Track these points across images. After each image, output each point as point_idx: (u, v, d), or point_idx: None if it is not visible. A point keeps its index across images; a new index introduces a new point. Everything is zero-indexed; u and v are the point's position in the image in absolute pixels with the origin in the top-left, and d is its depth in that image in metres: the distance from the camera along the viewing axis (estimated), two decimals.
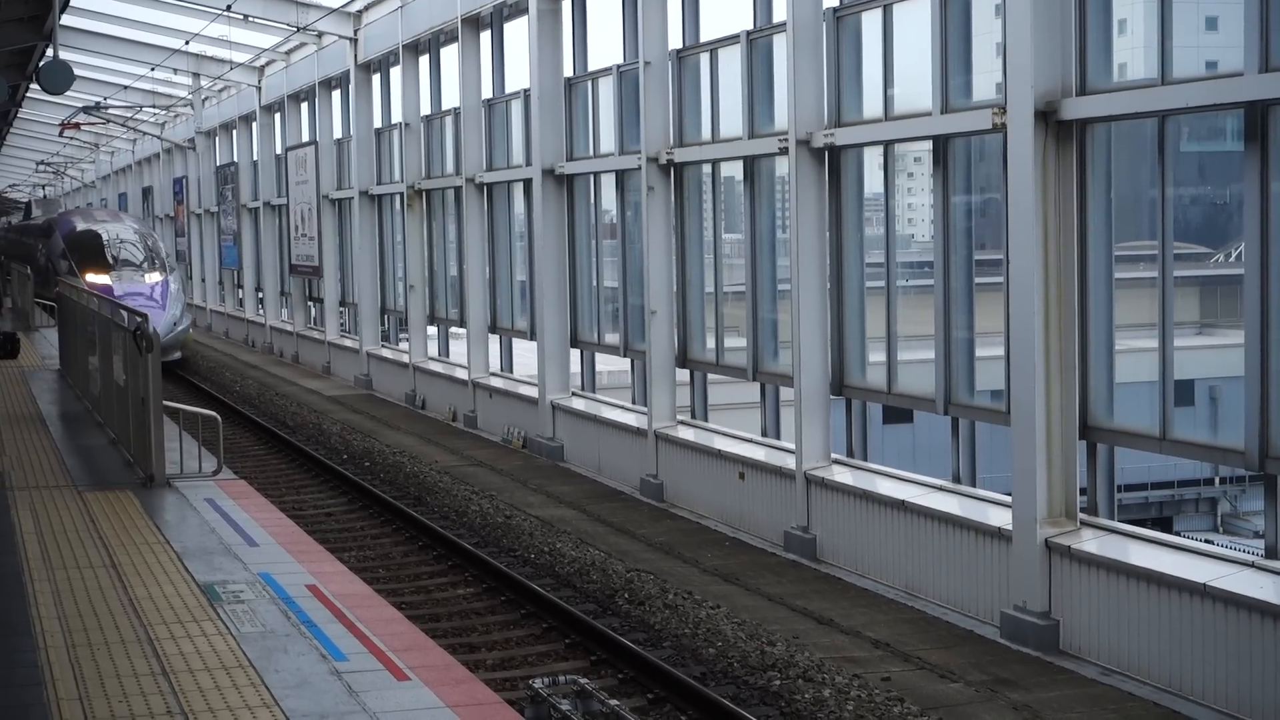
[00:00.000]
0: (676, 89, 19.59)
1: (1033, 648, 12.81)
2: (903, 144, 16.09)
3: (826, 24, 16.22)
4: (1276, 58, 10.99)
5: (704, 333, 19.69)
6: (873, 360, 16.26)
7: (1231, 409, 12.41)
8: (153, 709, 6.38)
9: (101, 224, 39.78)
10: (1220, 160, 16.10)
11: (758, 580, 15.29)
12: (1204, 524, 39.54)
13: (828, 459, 16.52)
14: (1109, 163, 12.92)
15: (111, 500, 11.13)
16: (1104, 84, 12.76)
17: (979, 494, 14.77)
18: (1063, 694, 11.73)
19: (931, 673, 12.31)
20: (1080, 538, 12.78)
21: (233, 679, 6.80)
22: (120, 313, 19.93)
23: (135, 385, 12.14)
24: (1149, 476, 36.76)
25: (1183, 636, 11.58)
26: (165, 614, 7.93)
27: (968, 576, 13.97)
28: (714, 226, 19.47)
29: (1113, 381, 13.01)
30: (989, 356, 14.53)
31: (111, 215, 44.53)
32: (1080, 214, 12.85)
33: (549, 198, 23.15)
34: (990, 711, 11.35)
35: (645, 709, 11.54)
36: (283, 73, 38.92)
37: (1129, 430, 12.82)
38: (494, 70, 26.53)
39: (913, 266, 17.77)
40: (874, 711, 11.24)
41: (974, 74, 14.50)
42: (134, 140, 59.11)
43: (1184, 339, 12.96)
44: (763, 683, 12.00)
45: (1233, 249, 21.71)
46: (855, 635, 13.39)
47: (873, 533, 15.33)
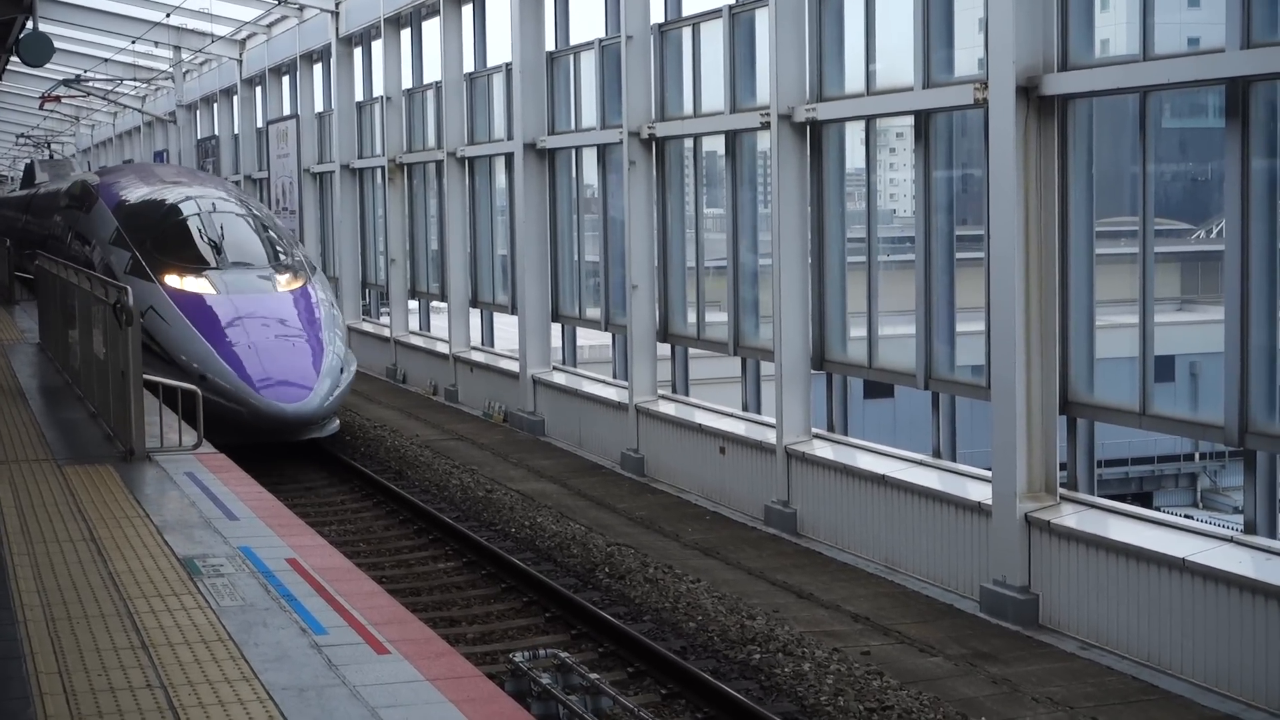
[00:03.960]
0: (658, 63, 19.54)
1: (1012, 622, 12.85)
2: (884, 119, 16.08)
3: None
4: (1258, 34, 10.99)
5: (685, 307, 19.68)
6: (853, 335, 16.26)
7: (1211, 384, 12.39)
8: (132, 682, 6.37)
9: (178, 188, 24.84)
10: (1201, 136, 16.11)
11: (738, 554, 15.31)
12: (1184, 499, 39.68)
13: (808, 433, 16.53)
14: (1090, 138, 12.93)
15: (91, 474, 11.10)
16: (1086, 59, 12.75)
17: (959, 469, 14.80)
18: (1042, 668, 11.77)
19: (911, 647, 12.34)
20: (1060, 512, 12.81)
21: (212, 652, 6.78)
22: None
23: (115, 358, 12.09)
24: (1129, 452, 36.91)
25: (1161, 611, 11.62)
26: (145, 588, 7.90)
27: (948, 551, 14.00)
28: (695, 201, 19.45)
29: (1093, 357, 13.03)
30: (969, 331, 14.54)
31: (188, 174, 29.46)
32: (1061, 190, 12.86)
33: (530, 172, 23.10)
34: (969, 685, 11.38)
35: (625, 683, 11.55)
36: (264, 46, 38.72)
37: (1109, 405, 12.85)
38: (475, 44, 26.46)
39: (894, 242, 17.77)
40: (853, 685, 11.26)
41: (956, 49, 14.49)
42: (114, 114, 58.81)
43: (1164, 315, 12.99)
44: (743, 656, 12.02)
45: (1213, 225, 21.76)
46: (835, 609, 13.41)
47: (853, 507, 15.35)
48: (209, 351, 19.56)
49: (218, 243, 22.37)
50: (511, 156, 23.82)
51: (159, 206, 23.83)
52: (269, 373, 19.38)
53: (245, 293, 21.25)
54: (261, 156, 40.32)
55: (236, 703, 6.13)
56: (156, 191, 24.74)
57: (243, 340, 19.86)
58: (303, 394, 19.29)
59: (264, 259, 22.45)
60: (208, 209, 23.20)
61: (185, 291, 20.99)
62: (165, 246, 22.26)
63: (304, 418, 19.32)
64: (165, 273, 21.38)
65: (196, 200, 23.57)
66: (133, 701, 6.16)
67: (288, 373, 19.55)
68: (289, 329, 20.72)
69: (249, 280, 21.69)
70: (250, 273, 21.91)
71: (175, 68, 45.41)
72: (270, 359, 19.64)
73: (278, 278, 22.02)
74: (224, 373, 19.20)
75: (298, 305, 21.59)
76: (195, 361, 19.43)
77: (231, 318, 20.51)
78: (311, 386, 19.53)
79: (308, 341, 20.56)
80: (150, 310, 20.02)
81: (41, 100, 49.03)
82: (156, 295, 20.74)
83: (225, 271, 21.68)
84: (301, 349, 20.29)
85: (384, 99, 30.06)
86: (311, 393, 19.41)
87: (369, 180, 32.89)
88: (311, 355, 20.26)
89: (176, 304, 20.59)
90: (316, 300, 21.99)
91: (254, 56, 39.96)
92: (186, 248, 22.32)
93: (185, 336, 19.96)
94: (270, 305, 21.17)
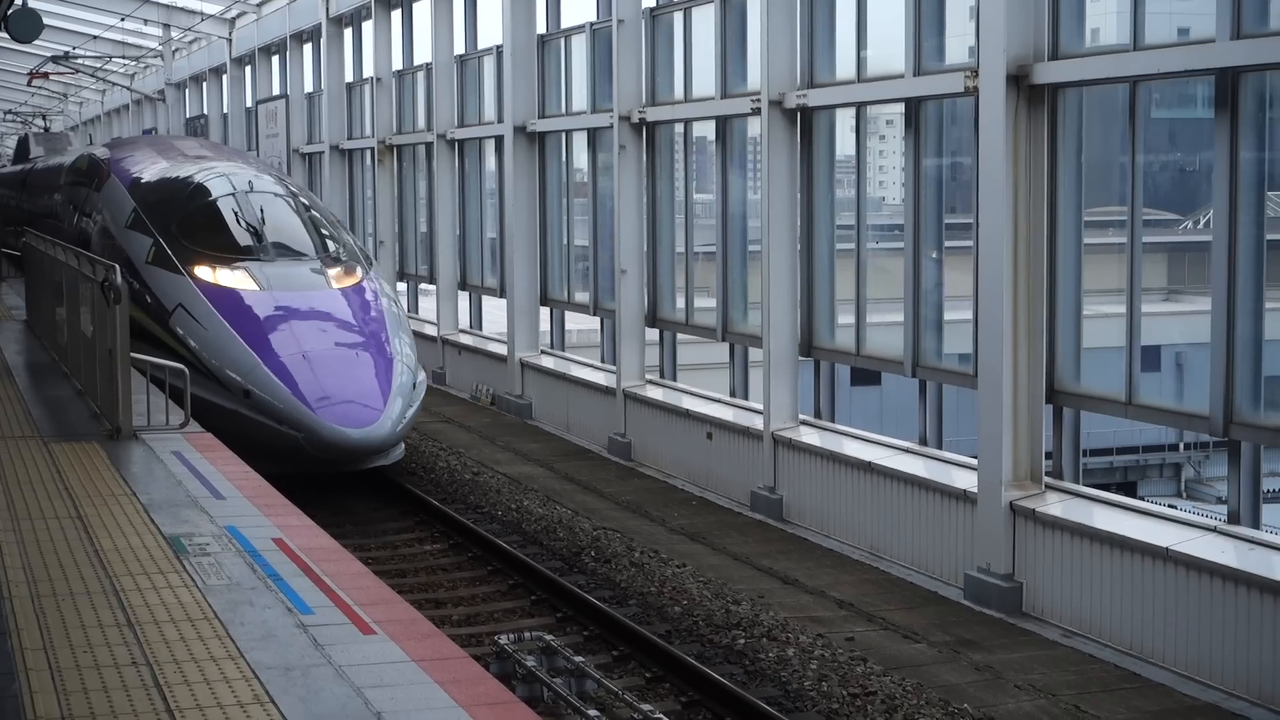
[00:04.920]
0: (650, 47, 19.53)
1: (996, 609, 12.89)
2: (875, 106, 16.10)
3: None
4: (1248, 24, 11.02)
5: (674, 292, 19.69)
6: (842, 322, 16.29)
7: (1197, 375, 12.47)
8: (118, 659, 6.38)
9: (204, 163, 21.39)
10: (1190, 127, 16.16)
11: (724, 539, 15.34)
12: (1168, 489, 39.76)
13: (795, 420, 16.56)
14: (1080, 128, 12.94)
15: (78, 452, 11.09)
16: (1076, 49, 12.77)
17: (945, 456, 14.83)
18: (1025, 655, 11.82)
19: (895, 633, 12.38)
20: (1045, 501, 12.85)
21: (198, 631, 6.79)
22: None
23: (103, 337, 12.08)
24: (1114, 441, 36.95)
25: (1145, 600, 11.67)
26: (131, 565, 7.91)
27: (933, 538, 14.04)
28: (685, 186, 19.45)
29: (1080, 346, 13.06)
30: (957, 320, 14.58)
31: (212, 148, 25.31)
32: (1050, 179, 12.88)
33: (520, 155, 23.09)
34: (953, 672, 11.42)
35: (610, 666, 11.58)
36: (254, 25, 38.64)
37: (1095, 395, 12.88)
38: (467, 26, 26.42)
39: (883, 229, 17.82)
40: (837, 671, 11.29)
41: (947, 37, 14.50)
42: (103, 91, 58.60)
43: (1151, 305, 13.03)
44: (727, 641, 12.05)
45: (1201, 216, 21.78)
46: (820, 595, 13.45)
47: (839, 493, 15.39)
48: (254, 362, 16.44)
49: (258, 228, 18.80)
50: (501, 139, 23.81)
51: (185, 185, 20.13)
52: (329, 390, 16.19)
53: (294, 289, 17.95)
54: (250, 136, 40.25)
55: (222, 681, 6.14)
56: (179, 167, 21.18)
57: (294, 348, 16.67)
58: (371, 416, 16.08)
59: (312, 248, 19.07)
60: (243, 188, 19.70)
61: (221, 287, 17.64)
62: (194, 232, 18.73)
63: (373, 445, 16.13)
64: (195, 264, 17.98)
65: (229, 178, 20.10)
66: (118, 678, 6.17)
67: (352, 390, 16.34)
68: (350, 334, 17.42)
69: (298, 274, 18.31)
70: (298, 265, 18.53)
71: (164, 46, 45.28)
72: (330, 372, 16.45)
73: (331, 271, 18.58)
74: (274, 389, 16.12)
75: (357, 304, 18.17)
76: (238, 374, 16.44)
77: (280, 320, 17.28)
78: (381, 407, 16.26)
79: (374, 350, 17.22)
80: (179, 309, 17.40)
81: (30, 77, 48.85)
82: (186, 291, 17.60)
83: (268, 263, 18.27)
84: (366, 360, 16.96)
85: (374, 80, 30.01)
86: (382, 415, 16.17)
87: (358, 161, 32.85)
88: (379, 367, 16.92)
89: (212, 302, 17.36)
90: (379, 298, 18.55)
91: (244, 35, 39.87)
92: (220, 234, 18.77)
93: (224, 343, 16.82)
94: (325, 305, 17.88)
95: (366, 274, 18.87)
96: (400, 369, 16.96)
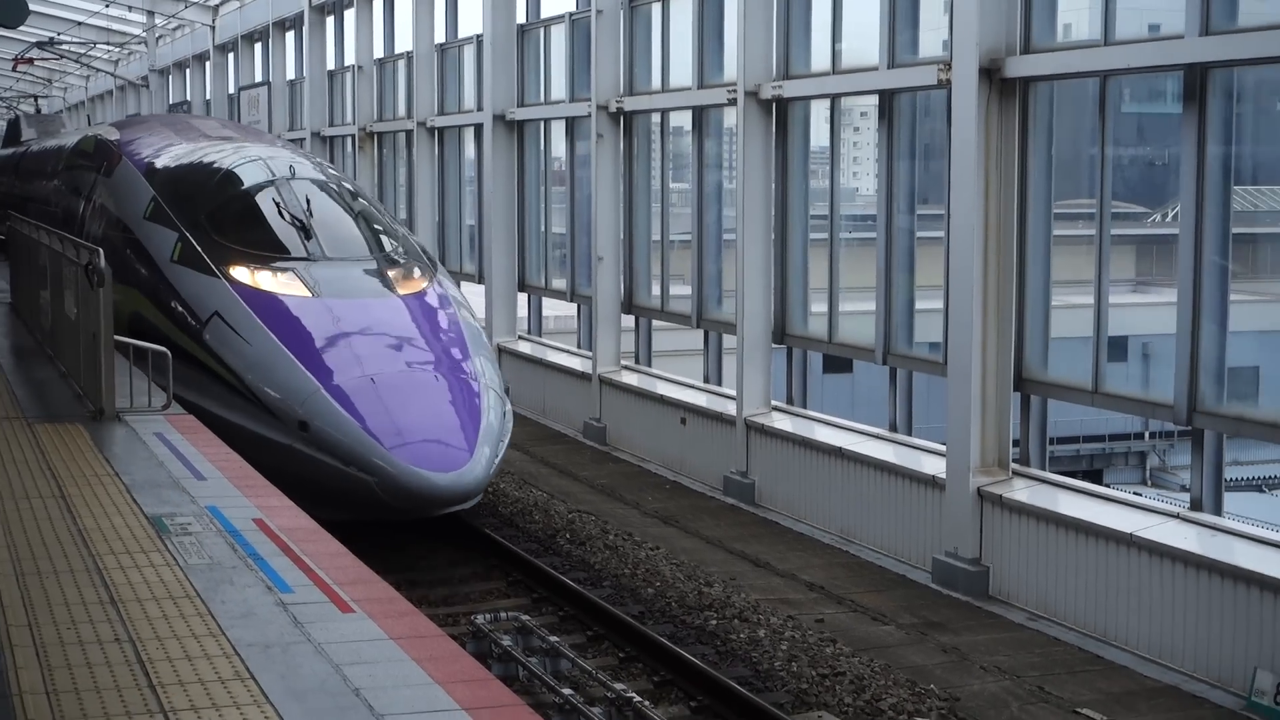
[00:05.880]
0: (628, 38, 19.54)
1: (963, 593, 12.96)
2: (849, 98, 16.13)
3: None
4: (1217, 21, 11.07)
5: (650, 280, 19.72)
6: (814, 310, 16.33)
7: (1162, 365, 12.51)
8: (101, 636, 6.39)
9: (232, 146, 18.12)
10: (1159, 121, 16.20)
11: (697, 523, 15.38)
12: (1133, 477, 39.91)
13: (768, 406, 16.60)
14: (1051, 121, 12.99)
15: (61, 433, 11.08)
16: (1048, 43, 12.81)
17: (915, 442, 14.89)
18: (990, 637, 11.89)
19: (864, 615, 12.44)
20: (1012, 487, 12.91)
21: (180, 609, 6.80)
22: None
23: (86, 319, 12.06)
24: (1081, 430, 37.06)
25: (1108, 584, 11.74)
26: (114, 545, 7.91)
27: (902, 523, 14.10)
28: (662, 175, 19.47)
29: (1048, 336, 13.11)
30: (928, 309, 14.62)
31: (237, 129, 22.23)
32: (1021, 171, 12.93)
33: (499, 143, 23.07)
34: (920, 653, 11.49)
35: (584, 646, 11.62)
36: (236, 13, 38.52)
37: (1062, 383, 12.94)
38: (447, 15, 26.40)
39: (856, 219, 17.83)
40: (807, 652, 11.35)
41: (920, 30, 14.53)
42: (87, 76, 58.32)
43: (1118, 296, 13.08)
44: (699, 622, 12.10)
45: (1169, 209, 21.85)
46: (790, 578, 13.50)
47: (810, 478, 15.44)
48: (312, 388, 13.36)
49: (305, 223, 15.50)
50: (481, 127, 23.79)
51: (213, 171, 16.95)
52: (406, 424, 13.09)
53: (352, 296, 14.73)
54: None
55: (204, 658, 6.16)
56: (204, 149, 17.82)
57: (358, 370, 13.56)
58: (459, 457, 12.98)
59: (366, 247, 15.87)
60: (283, 174, 16.30)
61: (266, 293, 14.54)
62: (226, 226, 15.64)
63: (461, 493, 13.08)
64: (232, 264, 14.93)
65: (266, 162, 16.82)
66: (101, 655, 6.19)
67: (434, 425, 13.25)
68: (424, 353, 14.22)
69: (354, 278, 15.13)
70: (354, 267, 15.32)
71: (148, 32, 45.11)
72: (405, 402, 13.36)
73: (391, 274, 15.40)
74: (338, 421, 13.07)
75: (428, 315, 14.94)
76: (292, 401, 13.40)
77: (339, 335, 14.09)
78: (470, 446, 13.13)
79: (454, 373, 14.06)
80: (215, 318, 14.48)
81: (15, 62, 48.63)
82: (223, 296, 14.61)
83: (320, 264, 15.08)
84: (447, 386, 13.82)
85: (356, 68, 29.97)
86: (472, 456, 13.06)
87: (339, 148, 32.77)
88: (463, 395, 13.76)
89: (256, 311, 14.27)
90: (451, 307, 15.32)
91: (227, 23, 39.73)
92: (258, 229, 15.61)
93: (274, 361, 13.77)
94: (390, 316, 14.65)
95: (432, 277, 15.76)
96: (488, 397, 13.89)
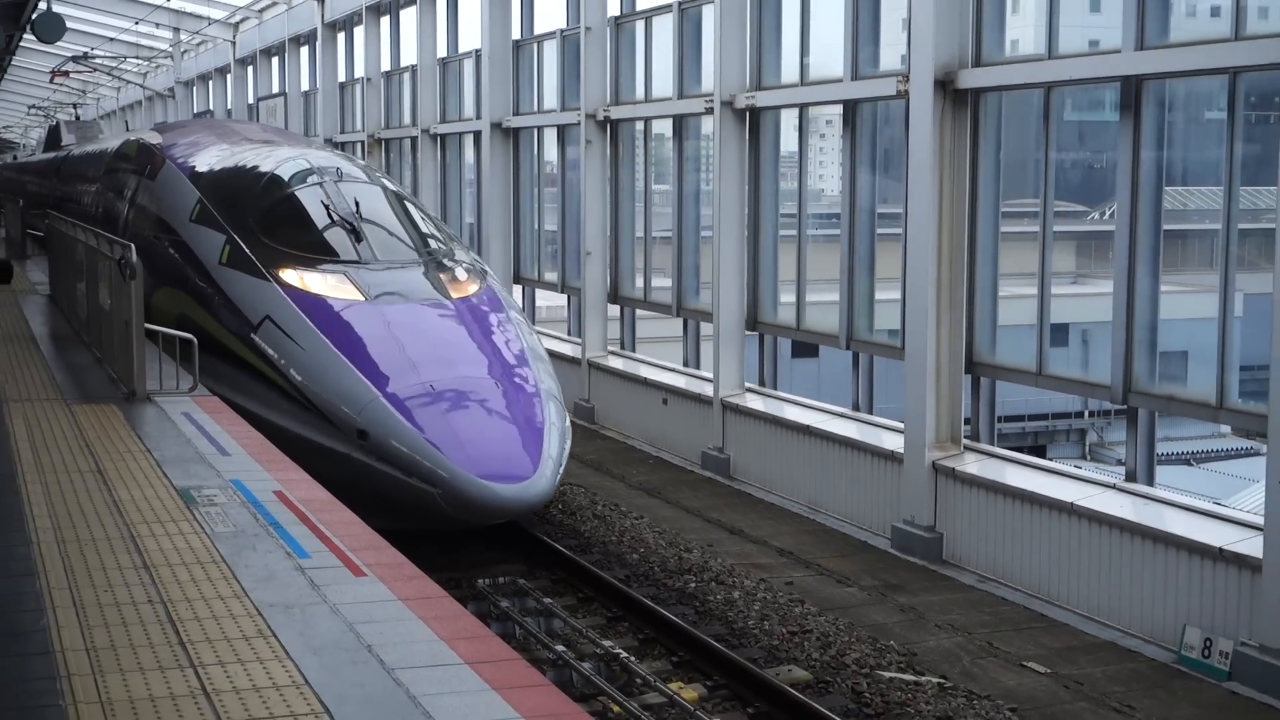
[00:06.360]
0: (614, 52, 19.49)
1: (919, 557, 12.97)
2: (816, 107, 16.10)
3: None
4: (1151, 37, 11.06)
5: (634, 273, 19.69)
6: (784, 300, 16.32)
7: (1100, 350, 12.51)
8: (135, 598, 6.35)
9: (277, 149, 16.72)
10: (1098, 128, 16.18)
11: (677, 494, 15.37)
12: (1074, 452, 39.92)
13: (741, 387, 16.59)
14: (999, 128, 12.98)
15: (97, 413, 11.02)
16: (997, 57, 12.80)
17: (875, 421, 14.90)
18: (944, 598, 11.89)
19: (829, 578, 12.44)
20: (964, 461, 12.92)
21: (207, 573, 6.77)
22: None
23: (119, 309, 11.99)
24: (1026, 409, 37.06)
25: (1051, 549, 11.75)
26: (146, 514, 7.87)
27: (863, 494, 14.10)
28: (645, 178, 19.43)
29: (996, 323, 13.12)
30: (887, 299, 14.61)
31: (278, 133, 20.68)
32: (972, 174, 12.92)
33: (496, 149, 23.02)
34: (880, 612, 11.49)
35: (575, 607, 11.60)
36: (255, 29, 38.34)
37: (1009, 366, 12.95)
38: (448, 31, 26.30)
39: (822, 218, 17.81)
40: (777, 611, 11.34)
41: (881, 46, 14.51)
42: (118, 88, 58.07)
43: (1060, 287, 13.07)
44: (680, 585, 12.08)
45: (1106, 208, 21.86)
46: (762, 544, 13.49)
47: (780, 453, 15.43)
48: (371, 395, 12.16)
49: (355, 226, 14.21)
50: (480, 134, 23.72)
51: (259, 174, 15.49)
52: (470, 434, 11.95)
53: (405, 300, 13.41)
54: None
55: (229, 617, 6.13)
56: (247, 153, 16.38)
57: (416, 377, 12.35)
58: (524, 468, 11.80)
59: (415, 251, 14.53)
60: (331, 175, 15.00)
61: (318, 296, 13.25)
62: (275, 229, 14.35)
63: (527, 505, 11.88)
64: (282, 266, 13.68)
65: (313, 165, 15.41)
66: (135, 614, 6.15)
67: (498, 435, 12.08)
68: (482, 360, 12.87)
69: (407, 281, 13.76)
70: (406, 270, 13.95)
71: (174, 47, 44.88)
72: (467, 411, 12.17)
73: (444, 278, 14.02)
74: (400, 431, 11.90)
75: (483, 320, 13.54)
76: (350, 409, 12.21)
77: (393, 340, 12.82)
78: (534, 457, 11.92)
79: (514, 380, 12.69)
80: (266, 321, 13.29)
81: (52, 75, 48.37)
82: (274, 299, 13.37)
83: (370, 268, 13.77)
84: (507, 394, 12.49)
85: (364, 80, 29.86)
86: (538, 467, 11.86)
87: (350, 154, 32.64)
88: (524, 404, 12.45)
89: (309, 316, 13.04)
90: (505, 313, 13.89)
91: (246, 38, 39.56)
92: (308, 231, 14.29)
93: (330, 368, 12.56)
94: (445, 321, 13.34)
95: (482, 280, 14.35)
96: (550, 406, 12.59)
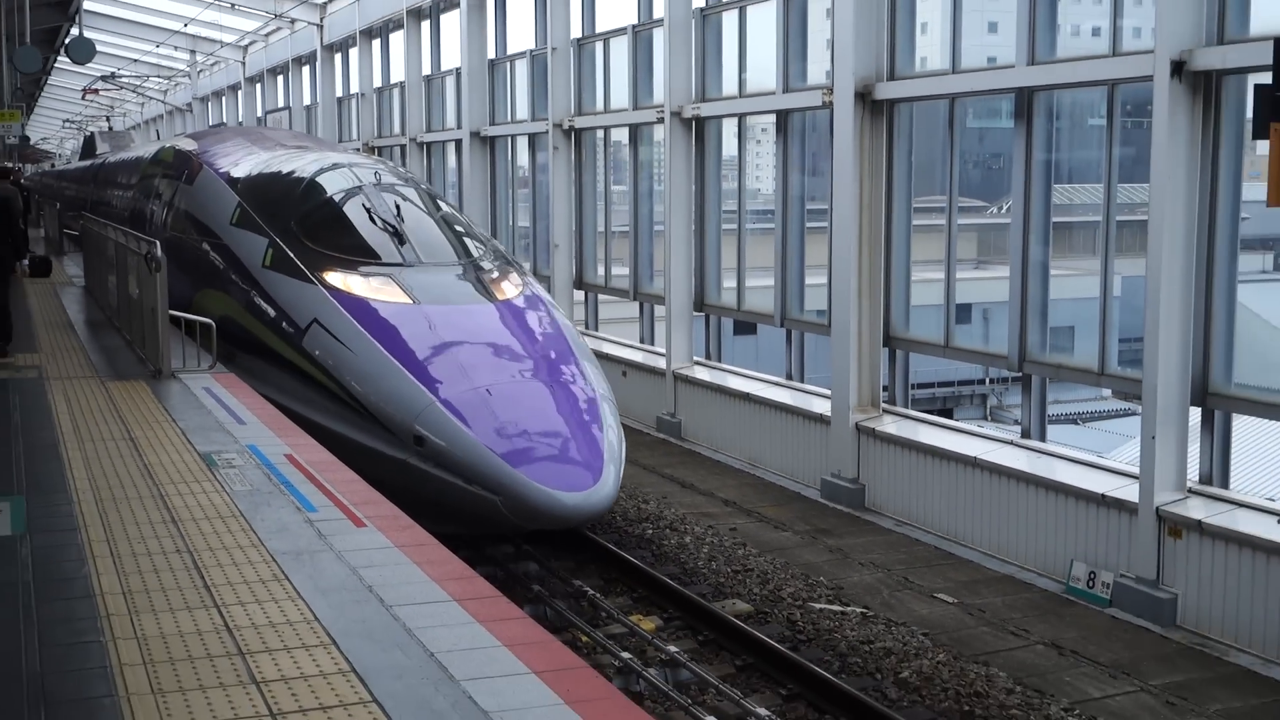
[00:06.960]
0: (576, 70, 19.47)
1: (845, 505, 13.07)
2: (753, 116, 16.14)
3: (695, 20, 16.18)
4: (1040, 54, 11.16)
5: (596, 262, 19.70)
6: (726, 285, 16.37)
7: (998, 325, 12.62)
8: (164, 548, 6.38)
9: (313, 154, 14.78)
10: (996, 134, 16.29)
11: (636, 454, 15.40)
12: (977, 414, 40.10)
13: (690, 361, 16.65)
14: (911, 134, 13.06)
15: (127, 388, 10.99)
16: (909, 72, 12.87)
17: (806, 388, 14.97)
18: (867, 540, 12.00)
19: (768, 524, 12.52)
20: (882, 422, 13.02)
21: (227, 526, 6.80)
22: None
23: (146, 297, 11.95)
24: (936, 377, 37.22)
25: (958, 496, 11.87)
26: (172, 476, 7.88)
27: (796, 451, 14.19)
28: (605, 179, 19.44)
29: (909, 303, 13.21)
30: (816, 283, 14.68)
31: (312, 140, 18.44)
32: (888, 174, 12.99)
33: (475, 155, 22.98)
34: (812, 553, 11.59)
35: (549, 553, 11.64)
36: (262, 51, 38.05)
37: (921, 340, 13.05)
38: (432, 52, 26.19)
39: (758, 213, 17.86)
40: (723, 554, 11.43)
41: (809, 62, 14.56)
42: (141, 104, 57.56)
43: (964, 272, 13.15)
44: (639, 532, 12.15)
45: (1003, 203, 22.00)
46: (710, 496, 13.57)
47: (724, 417, 15.51)
48: (426, 400, 10.48)
49: (397, 228, 12.59)
50: (460, 142, 23.67)
51: (297, 180, 13.74)
52: (529, 440, 10.27)
53: (450, 303, 11.72)
54: None
55: (247, 563, 6.17)
56: (285, 158, 14.59)
57: (469, 382, 10.63)
58: (586, 476, 10.09)
59: (456, 253, 12.79)
60: (370, 181, 13.38)
61: (363, 299, 11.56)
62: (318, 232, 12.67)
63: (590, 513, 10.12)
64: (327, 269, 12.02)
65: (352, 169, 13.82)
66: (165, 562, 6.18)
67: (557, 441, 10.35)
68: (532, 364, 11.05)
69: (451, 284, 12.10)
70: (447, 273, 12.30)
71: (191, 67, 44.51)
72: (523, 417, 10.43)
73: (487, 280, 12.36)
74: (457, 437, 10.21)
75: (529, 323, 11.79)
76: (405, 414, 10.53)
77: (442, 343, 11.07)
78: (597, 463, 10.22)
79: (567, 384, 10.94)
80: (314, 325, 11.60)
81: (83, 92, 47.95)
82: (322, 302, 11.70)
83: (414, 270, 12.11)
84: (563, 399, 10.73)
85: (359, 95, 29.71)
86: (601, 475, 10.15)
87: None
88: (581, 409, 10.71)
89: (357, 319, 11.35)
90: (550, 314, 12.12)
91: (254, 59, 39.26)
92: (351, 234, 12.60)
93: (382, 371, 10.87)
94: (492, 323, 11.56)
95: (523, 281, 12.68)
96: (605, 410, 10.88)
